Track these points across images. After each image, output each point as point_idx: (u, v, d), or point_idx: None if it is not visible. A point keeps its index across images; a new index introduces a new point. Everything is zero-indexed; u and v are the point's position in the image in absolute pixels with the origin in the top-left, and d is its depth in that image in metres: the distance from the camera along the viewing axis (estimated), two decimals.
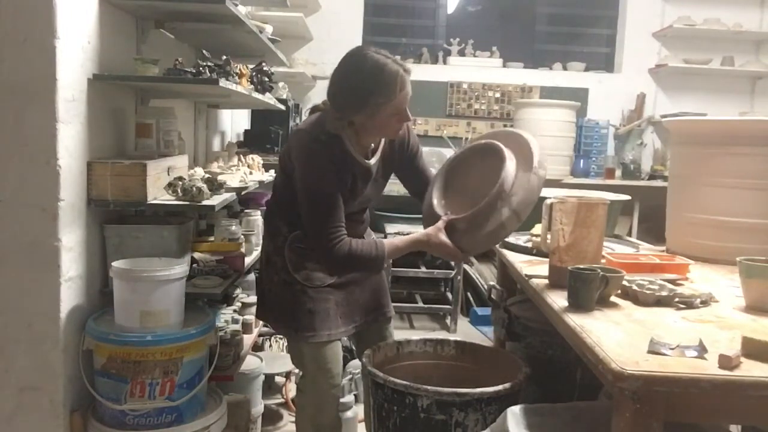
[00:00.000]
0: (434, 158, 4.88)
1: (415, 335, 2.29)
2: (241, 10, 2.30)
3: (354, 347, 2.42)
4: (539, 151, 1.87)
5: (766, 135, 2.05)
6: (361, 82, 1.85)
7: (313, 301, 1.99)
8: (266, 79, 2.93)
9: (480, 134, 1.86)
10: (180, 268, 2.00)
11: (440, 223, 1.91)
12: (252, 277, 3.39)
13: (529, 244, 2.23)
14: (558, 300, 1.62)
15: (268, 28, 3.02)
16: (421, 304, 4.44)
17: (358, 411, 2.33)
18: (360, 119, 1.88)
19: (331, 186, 1.88)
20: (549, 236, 1.80)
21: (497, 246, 2.41)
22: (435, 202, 1.98)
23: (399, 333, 2.37)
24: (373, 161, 2.01)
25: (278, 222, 2.06)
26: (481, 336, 4.19)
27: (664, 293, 1.63)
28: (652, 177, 5.08)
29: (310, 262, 2.01)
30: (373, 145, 2.01)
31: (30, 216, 1.89)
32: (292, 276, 2.01)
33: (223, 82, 2.15)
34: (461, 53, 5.40)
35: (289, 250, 2.02)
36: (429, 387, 1.83)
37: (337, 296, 2.05)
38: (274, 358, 3.15)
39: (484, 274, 4.70)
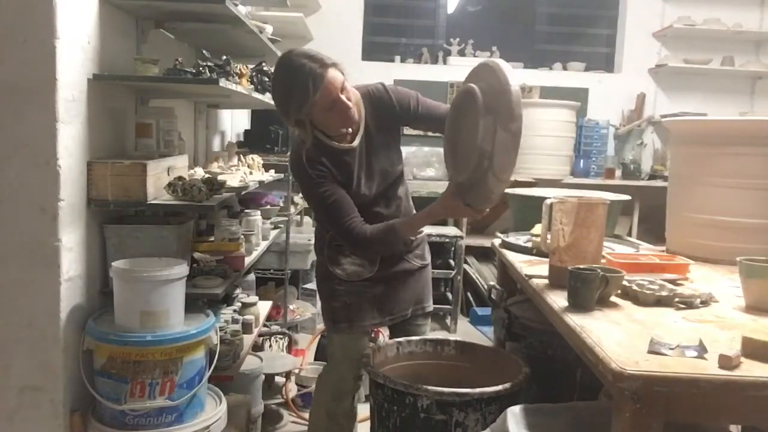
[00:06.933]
0: (434, 158, 4.89)
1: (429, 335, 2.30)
2: (241, 10, 2.30)
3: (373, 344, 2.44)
4: (513, 97, 1.62)
5: (766, 135, 2.05)
6: (278, 90, 1.91)
7: (349, 294, 2.09)
8: (266, 79, 2.93)
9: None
10: (180, 268, 2.00)
11: (447, 190, 1.93)
12: (252, 277, 3.39)
13: (529, 244, 2.23)
14: (558, 300, 1.62)
15: (268, 28, 3.02)
16: None
17: (359, 411, 2.33)
18: (301, 119, 1.89)
19: (326, 189, 1.94)
20: (549, 236, 1.80)
21: (497, 246, 2.42)
22: (445, 159, 1.94)
23: None
24: (357, 141, 2.00)
25: (322, 226, 2.17)
26: (481, 336, 4.19)
27: (664, 293, 1.63)
28: (652, 177, 5.08)
29: (347, 258, 2.10)
30: (350, 130, 1.98)
31: (30, 216, 1.89)
32: (330, 270, 2.11)
33: (223, 82, 2.15)
34: (461, 53, 5.40)
35: (328, 248, 2.12)
36: (429, 387, 1.82)
37: (376, 290, 2.12)
38: (274, 358, 3.14)
39: (484, 274, 4.70)
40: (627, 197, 2.58)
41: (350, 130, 1.98)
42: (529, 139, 4.77)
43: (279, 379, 3.18)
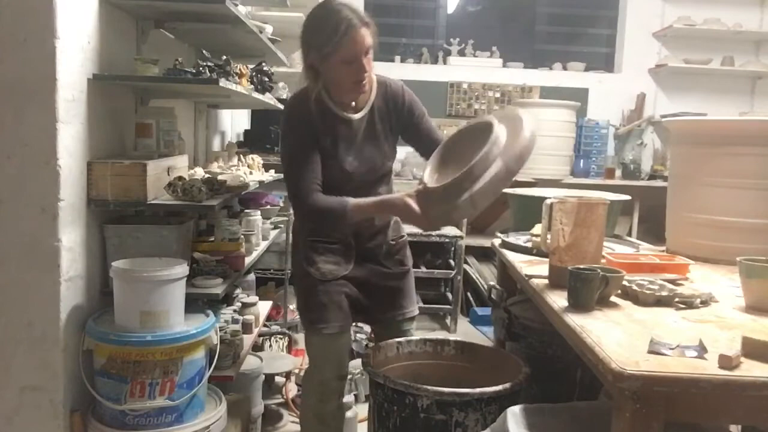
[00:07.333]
0: None
1: (415, 335, 2.29)
2: (241, 10, 2.30)
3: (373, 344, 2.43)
4: (526, 142, 1.77)
5: (766, 135, 2.05)
6: (308, 24, 1.90)
7: (325, 293, 2.06)
8: (266, 79, 2.94)
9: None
10: (180, 268, 2.00)
11: (412, 191, 1.90)
12: (252, 277, 3.39)
13: (529, 244, 2.23)
14: (558, 300, 1.62)
15: (268, 28, 3.02)
16: (421, 304, 4.43)
17: (358, 411, 2.33)
18: (315, 66, 1.89)
19: (303, 145, 1.94)
20: (549, 236, 1.80)
21: (497, 246, 2.42)
22: (426, 169, 1.94)
23: None
24: (357, 115, 2.00)
25: (300, 220, 2.14)
26: (481, 336, 4.19)
27: (664, 293, 1.63)
28: (652, 177, 5.08)
29: (321, 257, 2.07)
30: (354, 103, 2.00)
31: (30, 216, 1.89)
32: (305, 269, 2.08)
33: (223, 82, 2.15)
34: (461, 53, 5.40)
35: (303, 244, 2.09)
36: (429, 387, 1.82)
37: (351, 289, 2.09)
38: (274, 358, 3.14)
39: (484, 274, 4.70)
40: (627, 197, 2.58)
41: (354, 103, 1.99)
42: None
43: (279, 379, 3.18)
